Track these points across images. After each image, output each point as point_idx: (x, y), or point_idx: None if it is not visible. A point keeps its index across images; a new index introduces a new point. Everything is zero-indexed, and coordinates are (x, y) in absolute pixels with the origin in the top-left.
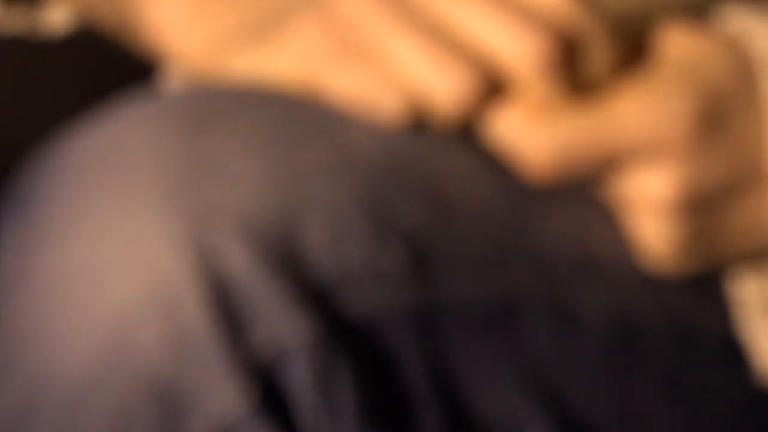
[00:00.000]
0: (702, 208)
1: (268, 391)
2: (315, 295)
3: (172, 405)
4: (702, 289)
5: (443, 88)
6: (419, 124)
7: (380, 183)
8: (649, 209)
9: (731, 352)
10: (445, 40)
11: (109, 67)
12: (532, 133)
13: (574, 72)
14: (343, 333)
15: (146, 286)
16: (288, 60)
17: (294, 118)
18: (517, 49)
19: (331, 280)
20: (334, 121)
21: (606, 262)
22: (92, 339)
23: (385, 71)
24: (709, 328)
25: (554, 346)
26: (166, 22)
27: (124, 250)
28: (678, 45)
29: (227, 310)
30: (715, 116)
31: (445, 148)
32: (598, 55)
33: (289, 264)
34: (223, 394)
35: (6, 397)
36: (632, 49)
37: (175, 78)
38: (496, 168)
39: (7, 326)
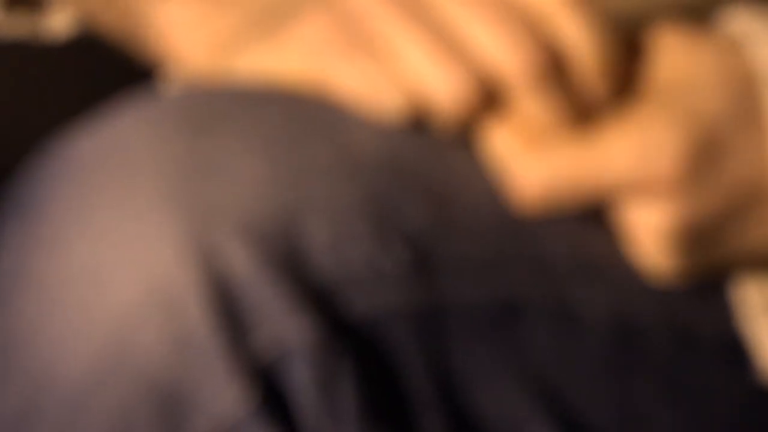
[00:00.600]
0: (702, 237)
1: (270, 393)
2: (317, 296)
3: (174, 406)
4: (702, 289)
5: (444, 88)
6: (419, 124)
7: (382, 183)
8: (647, 241)
9: (731, 352)
10: (449, 42)
11: (111, 72)
12: (524, 162)
13: (566, 91)
14: (345, 334)
15: (147, 287)
16: (293, 56)
17: (295, 118)
18: (508, 58)
19: (333, 280)
20: (335, 121)
21: (606, 262)
22: (93, 340)
23: (388, 68)
24: (709, 328)
25: (555, 346)
26: (171, 26)
27: (125, 251)
28: (671, 59)
29: (229, 311)
30: (711, 146)
31: (447, 148)
32: (593, 77)
33: (290, 265)
34: (224, 395)
35: (7, 398)
36: (628, 50)
37: (177, 81)
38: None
39: (9, 327)
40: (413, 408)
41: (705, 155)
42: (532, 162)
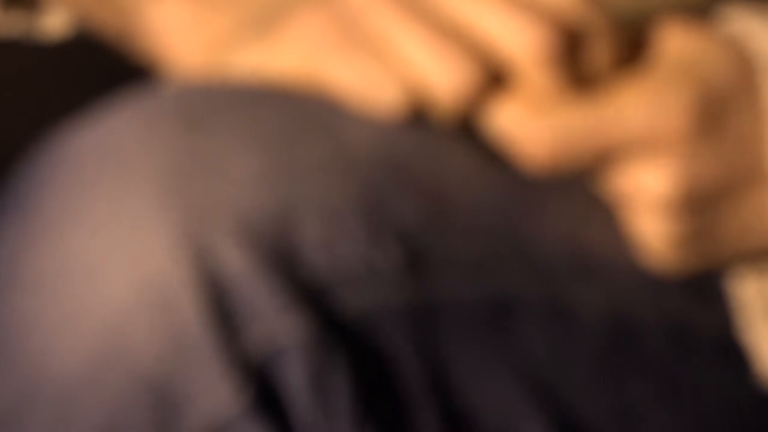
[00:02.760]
0: (700, 206)
1: (263, 390)
2: (310, 294)
3: (166, 403)
4: (700, 290)
5: (444, 79)
6: (419, 116)
7: (376, 180)
8: (647, 205)
9: (728, 352)
10: (448, 32)
11: (107, 72)
12: (530, 125)
13: (575, 65)
14: (338, 331)
15: (141, 283)
16: (290, 53)
17: (289, 116)
18: (519, 41)
19: (327, 278)
20: (329, 119)
21: (603, 261)
22: (87, 336)
23: (387, 62)
24: (707, 328)
25: (550, 344)
26: (166, 27)
27: (119, 247)
28: (677, 42)
29: (222, 308)
30: (714, 113)
31: (442, 145)
32: (600, 49)
33: (284, 262)
34: (217, 392)
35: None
36: (632, 46)
37: (172, 79)
38: (493, 166)
39: (2, 321)
40: (406, 405)
41: (710, 119)
42: (538, 122)
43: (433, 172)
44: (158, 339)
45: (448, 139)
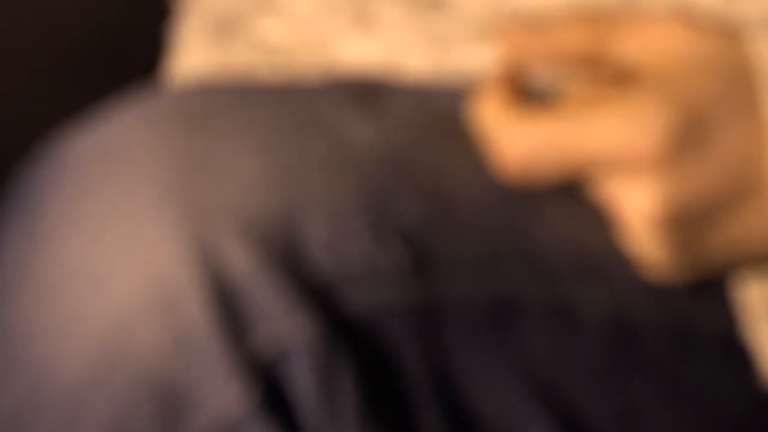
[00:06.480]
0: (690, 219)
1: (270, 390)
2: (315, 293)
3: (173, 404)
4: (702, 290)
5: None
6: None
7: (379, 180)
8: (636, 221)
9: (730, 352)
10: None
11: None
12: (509, 130)
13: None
14: (344, 331)
15: (146, 284)
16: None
17: (292, 115)
18: None
19: (332, 278)
20: (332, 118)
21: (604, 261)
22: (92, 337)
23: None
24: (709, 328)
25: (552, 343)
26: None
27: (124, 248)
28: (665, 42)
29: (228, 309)
30: (698, 127)
31: (444, 144)
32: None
33: (289, 262)
34: (224, 393)
35: (6, 394)
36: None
37: (176, 80)
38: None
39: (8, 324)
40: (411, 404)
41: (691, 137)
42: (517, 128)
43: (435, 172)
44: (164, 340)
45: (449, 138)
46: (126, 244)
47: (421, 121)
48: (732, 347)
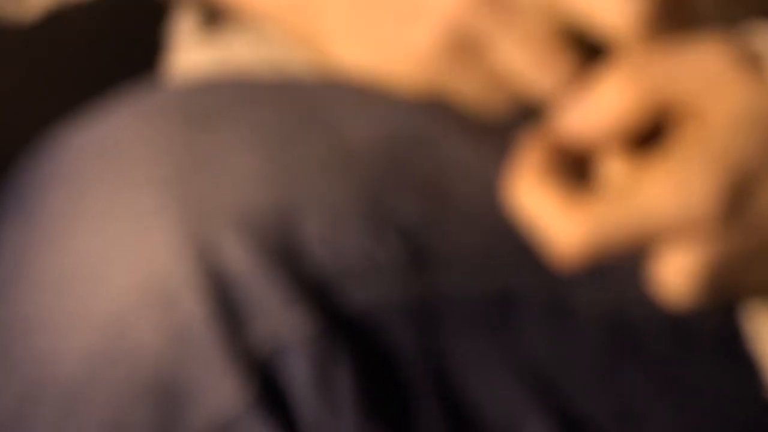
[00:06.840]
0: (729, 277)
1: (267, 386)
2: (313, 289)
3: (170, 400)
4: None
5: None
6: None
7: (377, 176)
8: (676, 282)
9: (730, 353)
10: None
11: (93, 53)
12: (561, 222)
13: (680, 20)
14: (342, 327)
15: (144, 280)
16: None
17: (290, 112)
18: (617, 11)
19: (329, 273)
20: (330, 114)
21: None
22: (90, 333)
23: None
24: (708, 326)
25: (550, 340)
26: None
27: (121, 245)
28: (710, 104)
29: (225, 305)
30: (743, 187)
31: (442, 140)
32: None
33: (287, 258)
34: (221, 389)
35: (4, 391)
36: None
37: (174, 75)
38: (492, 161)
39: (6, 321)
40: (410, 400)
41: (738, 196)
42: (570, 221)
43: (433, 168)
44: (162, 336)
45: (448, 133)
46: (124, 240)
47: (420, 117)
48: (732, 347)
